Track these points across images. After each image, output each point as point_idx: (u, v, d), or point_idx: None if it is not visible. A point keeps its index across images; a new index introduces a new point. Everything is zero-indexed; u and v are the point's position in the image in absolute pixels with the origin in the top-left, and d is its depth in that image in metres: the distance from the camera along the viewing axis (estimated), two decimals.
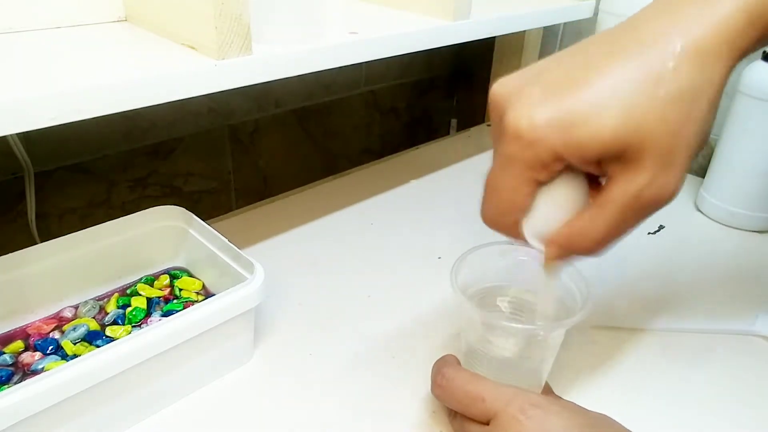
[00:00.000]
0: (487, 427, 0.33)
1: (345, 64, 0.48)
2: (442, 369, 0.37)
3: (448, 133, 1.08)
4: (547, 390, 0.40)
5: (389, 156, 0.84)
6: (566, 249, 0.31)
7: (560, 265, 0.32)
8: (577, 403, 0.35)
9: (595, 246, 0.30)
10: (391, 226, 0.65)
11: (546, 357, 0.38)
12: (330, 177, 0.77)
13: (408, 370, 0.45)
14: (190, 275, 0.52)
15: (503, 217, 0.31)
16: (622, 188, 0.28)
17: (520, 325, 0.37)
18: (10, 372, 0.41)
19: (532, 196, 0.29)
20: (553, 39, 0.94)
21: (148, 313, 0.47)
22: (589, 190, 0.31)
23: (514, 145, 0.28)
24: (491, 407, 0.33)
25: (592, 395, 0.43)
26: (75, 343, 0.43)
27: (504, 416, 0.32)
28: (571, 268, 0.40)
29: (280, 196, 0.71)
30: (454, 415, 0.37)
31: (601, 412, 0.35)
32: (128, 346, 0.36)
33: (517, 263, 0.41)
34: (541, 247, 0.32)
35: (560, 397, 0.38)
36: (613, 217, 0.28)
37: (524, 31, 0.91)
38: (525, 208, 0.30)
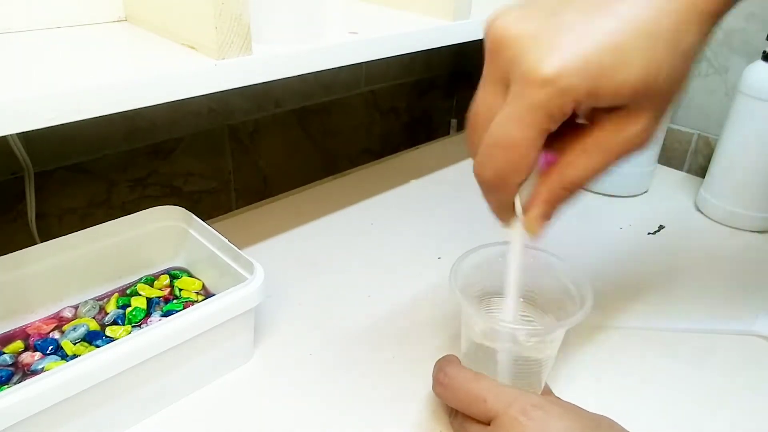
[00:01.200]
0: (488, 427, 0.33)
1: (345, 64, 0.48)
2: (445, 367, 0.37)
3: (448, 133, 1.08)
4: (547, 391, 0.40)
5: (389, 156, 0.84)
6: (555, 192, 0.30)
7: (543, 225, 0.31)
8: (576, 403, 0.35)
9: (575, 188, 0.30)
10: (391, 226, 0.65)
11: (546, 358, 0.38)
12: (330, 177, 0.77)
13: (408, 371, 0.45)
14: (190, 275, 0.52)
15: (512, 177, 0.28)
16: (613, 134, 0.28)
17: (519, 327, 0.37)
18: (10, 372, 0.41)
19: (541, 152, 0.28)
20: None
21: (148, 313, 0.47)
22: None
23: (540, 92, 0.26)
24: (492, 408, 0.33)
25: (592, 395, 0.43)
26: (75, 343, 0.43)
27: (505, 417, 0.32)
28: (569, 269, 0.40)
29: (280, 196, 0.71)
30: (455, 414, 0.37)
31: (601, 412, 0.35)
32: (128, 346, 0.36)
33: None
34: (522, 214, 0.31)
35: (561, 399, 0.38)
36: (598, 161, 0.29)
37: None
38: (534, 166, 0.28)
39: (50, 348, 0.43)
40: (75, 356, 0.40)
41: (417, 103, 1.00)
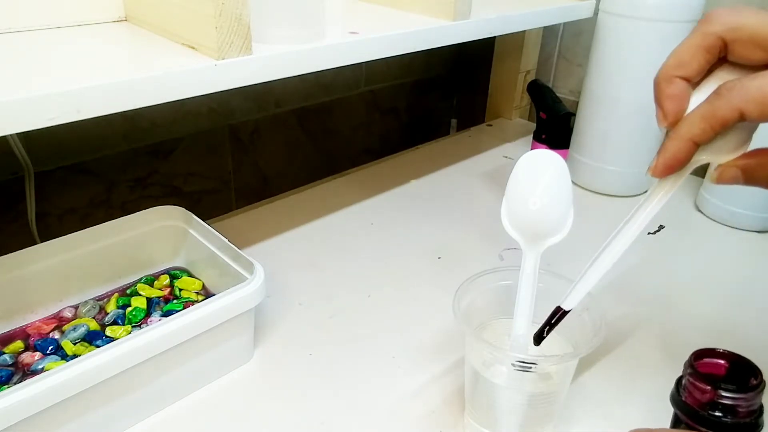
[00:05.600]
0: None
1: (345, 64, 0.48)
2: None
3: (448, 133, 1.08)
4: None
5: (389, 156, 0.84)
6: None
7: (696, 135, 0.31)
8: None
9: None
10: (391, 226, 0.65)
11: (558, 389, 0.37)
12: (330, 177, 0.77)
13: (408, 370, 0.45)
14: (190, 275, 0.52)
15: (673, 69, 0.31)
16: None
17: (527, 357, 0.35)
18: (10, 372, 0.41)
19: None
20: (553, 39, 0.94)
21: (148, 313, 0.47)
22: None
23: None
24: None
25: (592, 395, 0.43)
26: (75, 343, 0.43)
27: None
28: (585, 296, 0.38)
29: (280, 196, 0.71)
30: None
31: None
32: (128, 346, 0.36)
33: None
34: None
35: None
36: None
37: (524, 31, 0.91)
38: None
39: (50, 348, 0.43)
40: (75, 356, 0.40)
41: (417, 103, 1.00)
